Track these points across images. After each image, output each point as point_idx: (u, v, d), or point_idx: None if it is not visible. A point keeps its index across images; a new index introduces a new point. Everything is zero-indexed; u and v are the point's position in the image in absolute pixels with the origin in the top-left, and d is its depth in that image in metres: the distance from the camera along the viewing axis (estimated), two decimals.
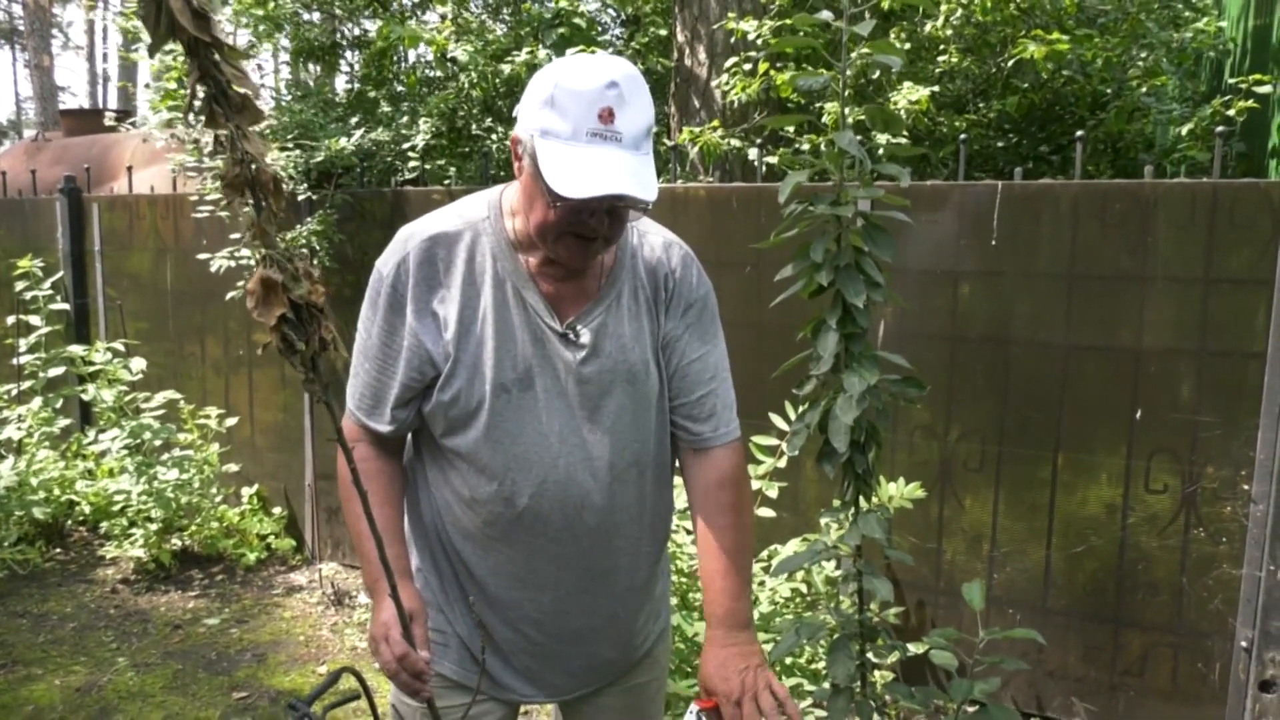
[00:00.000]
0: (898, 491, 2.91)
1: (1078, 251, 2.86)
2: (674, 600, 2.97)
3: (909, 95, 3.42)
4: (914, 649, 2.61)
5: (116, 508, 4.35)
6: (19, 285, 4.88)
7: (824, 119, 3.47)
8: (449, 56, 4.35)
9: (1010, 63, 3.93)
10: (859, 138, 1.77)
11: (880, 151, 3.56)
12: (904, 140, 3.51)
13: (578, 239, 1.39)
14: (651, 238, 1.56)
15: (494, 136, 4.55)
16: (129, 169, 5.49)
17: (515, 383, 1.45)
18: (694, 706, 1.46)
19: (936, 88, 3.85)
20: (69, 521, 4.75)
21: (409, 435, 1.62)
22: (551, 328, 1.46)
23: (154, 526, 4.26)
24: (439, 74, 4.93)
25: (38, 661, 3.56)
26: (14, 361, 4.98)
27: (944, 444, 3.08)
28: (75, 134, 8.45)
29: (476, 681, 1.57)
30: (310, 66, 5.37)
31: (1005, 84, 4.30)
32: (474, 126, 4.57)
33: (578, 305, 1.49)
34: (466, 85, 4.28)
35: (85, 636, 3.78)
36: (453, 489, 1.53)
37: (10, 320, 5.03)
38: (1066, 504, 2.93)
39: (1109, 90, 4.31)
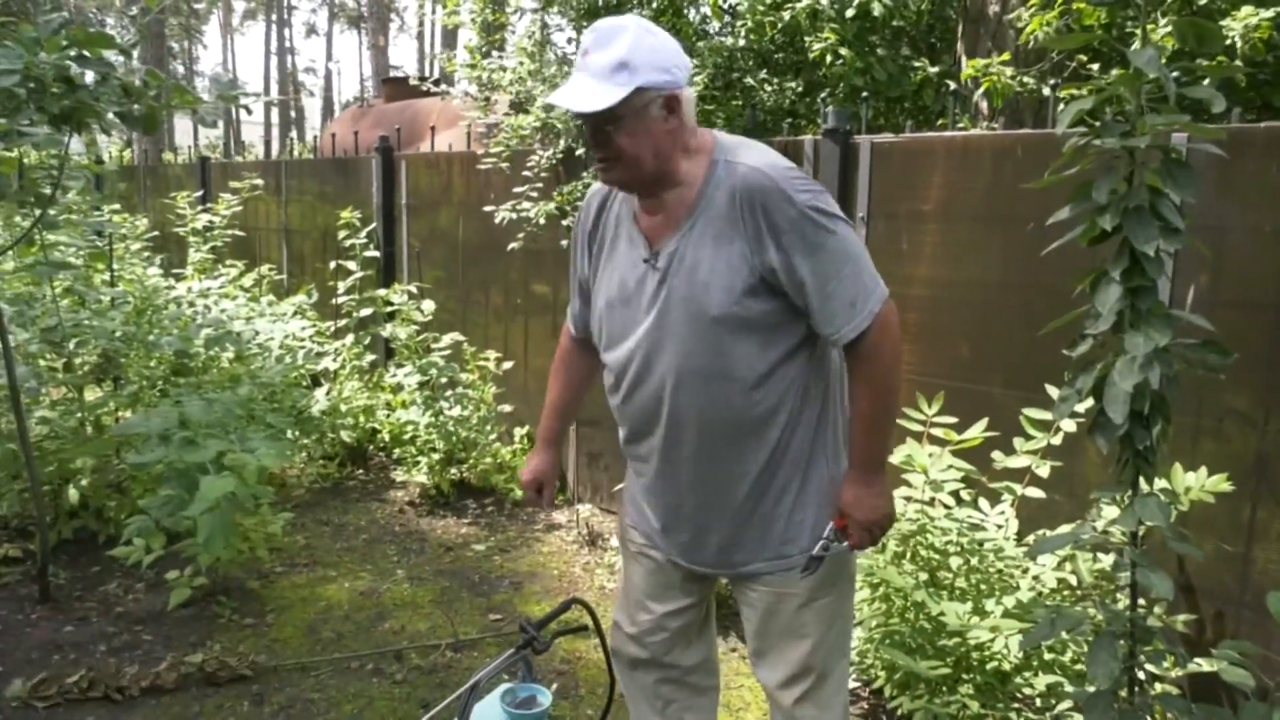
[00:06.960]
0: (1197, 483, 2.53)
1: None
2: (924, 575, 2.79)
3: (1245, 19, 2.84)
4: (1204, 664, 2.27)
5: (407, 437, 4.79)
6: (341, 234, 5.47)
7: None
8: (727, 6, 4.29)
9: None
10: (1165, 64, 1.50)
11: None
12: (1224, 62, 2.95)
13: (597, 161, 1.75)
14: (739, 168, 1.70)
15: (766, 89, 4.44)
16: (432, 129, 5.97)
17: (619, 300, 1.85)
18: (831, 524, 1.82)
19: None
20: (370, 446, 5.30)
21: None
22: (641, 256, 1.81)
23: (437, 456, 4.65)
24: (715, 25, 4.89)
25: (333, 565, 4.01)
26: (333, 301, 5.61)
27: (1262, 435, 2.63)
28: (393, 100, 9.34)
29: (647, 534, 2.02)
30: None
31: None
32: (748, 78, 4.48)
33: (664, 234, 1.78)
34: (743, 33, 4.20)
35: (373, 548, 4.20)
36: None
37: (332, 265, 5.67)
38: None
39: None
